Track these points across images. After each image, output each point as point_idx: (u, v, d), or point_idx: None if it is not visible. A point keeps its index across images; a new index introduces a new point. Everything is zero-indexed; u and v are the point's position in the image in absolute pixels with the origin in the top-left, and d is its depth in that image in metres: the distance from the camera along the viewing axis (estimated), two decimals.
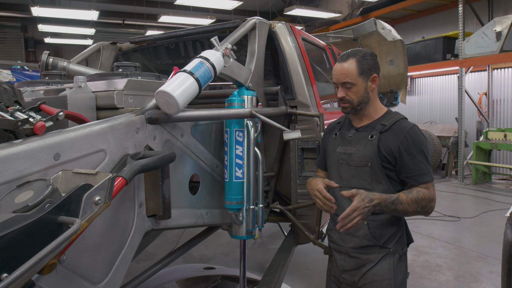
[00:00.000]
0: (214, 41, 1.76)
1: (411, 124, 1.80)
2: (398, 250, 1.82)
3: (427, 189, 1.73)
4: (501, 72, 9.18)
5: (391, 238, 1.81)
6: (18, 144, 1.04)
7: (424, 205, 1.71)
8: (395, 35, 5.05)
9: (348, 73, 1.77)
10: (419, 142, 1.75)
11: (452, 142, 8.86)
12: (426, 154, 1.77)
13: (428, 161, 1.77)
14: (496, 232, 5.30)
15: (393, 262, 1.80)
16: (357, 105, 1.81)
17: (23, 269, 0.74)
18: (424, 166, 1.75)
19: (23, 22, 14.13)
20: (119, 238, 1.39)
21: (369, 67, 1.79)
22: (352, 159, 1.82)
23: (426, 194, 1.71)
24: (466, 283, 3.83)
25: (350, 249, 1.86)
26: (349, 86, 1.78)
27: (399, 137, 1.74)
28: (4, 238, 0.78)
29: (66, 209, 0.90)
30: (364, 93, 1.79)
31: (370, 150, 1.77)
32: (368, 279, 1.81)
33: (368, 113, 1.85)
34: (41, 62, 2.37)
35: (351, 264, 1.86)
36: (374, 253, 1.80)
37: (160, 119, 1.54)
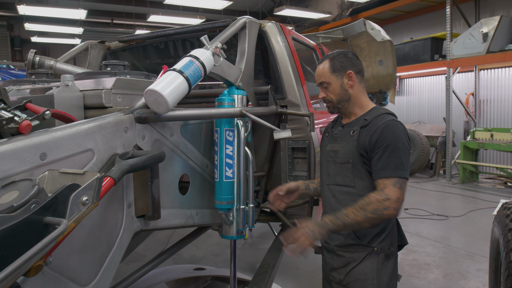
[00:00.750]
0: (204, 40, 1.75)
1: (390, 118, 1.76)
2: (383, 250, 1.79)
3: (379, 190, 1.65)
4: (488, 73, 9.33)
5: (376, 237, 1.79)
6: (3, 144, 1.02)
7: (373, 209, 1.61)
8: (384, 35, 5.08)
9: (322, 73, 1.85)
10: (389, 136, 1.69)
11: (440, 141, 8.97)
12: (395, 149, 1.68)
13: (397, 156, 1.67)
14: (483, 230, 5.38)
15: (377, 261, 1.78)
16: (337, 103, 1.85)
17: (8, 271, 0.72)
18: (387, 160, 1.67)
19: (9, 20, 13.91)
20: (107, 239, 1.37)
21: (342, 65, 1.84)
22: (337, 156, 1.84)
23: (373, 196, 1.63)
24: (454, 281, 3.88)
25: (335, 247, 1.87)
26: (326, 86, 1.85)
27: (372, 131, 1.74)
28: None
29: (53, 209, 0.88)
30: (341, 90, 1.84)
31: (351, 146, 1.78)
32: (352, 278, 1.81)
33: (354, 111, 1.87)
34: (27, 61, 2.33)
35: (338, 263, 1.87)
36: (358, 252, 1.80)
37: (149, 119, 1.52)
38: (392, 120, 1.76)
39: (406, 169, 1.69)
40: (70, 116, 1.34)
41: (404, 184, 1.67)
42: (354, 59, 1.87)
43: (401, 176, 1.66)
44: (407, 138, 1.74)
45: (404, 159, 1.69)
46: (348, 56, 1.86)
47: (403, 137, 1.72)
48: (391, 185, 1.64)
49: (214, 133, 1.94)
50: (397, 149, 1.68)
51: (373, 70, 5.67)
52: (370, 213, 1.62)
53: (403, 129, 1.75)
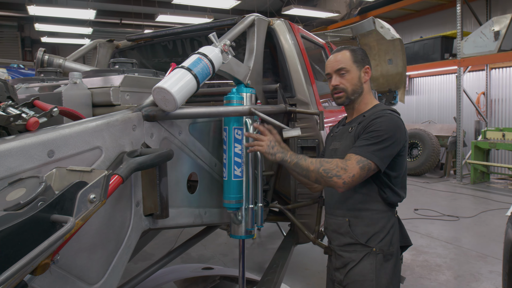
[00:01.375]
0: (212, 37, 1.73)
1: (386, 112, 1.74)
2: (382, 250, 1.75)
3: (343, 160, 1.64)
4: (499, 72, 9.19)
5: (375, 237, 1.76)
6: (10, 141, 1.01)
7: (328, 167, 1.62)
8: (394, 34, 5.03)
9: (342, 60, 1.82)
10: (377, 124, 1.67)
11: (450, 141, 8.86)
12: (377, 136, 1.65)
13: (376, 142, 1.64)
14: (495, 231, 5.29)
15: (375, 262, 1.74)
16: (351, 94, 1.83)
17: (14, 269, 0.70)
18: (364, 142, 1.66)
19: (20, 21, 14.06)
20: (115, 237, 1.35)
21: (362, 58, 1.85)
22: (337, 154, 1.83)
23: (336, 160, 1.65)
24: (466, 282, 3.81)
25: (336, 247, 1.86)
26: (343, 73, 1.81)
27: (366, 123, 1.73)
28: None
29: (60, 207, 0.87)
30: (357, 82, 1.82)
31: (350, 143, 1.77)
32: (351, 279, 1.78)
33: (359, 107, 1.86)
34: (36, 59, 2.34)
35: (339, 263, 1.85)
36: (355, 252, 1.77)
37: (157, 116, 1.50)
38: (389, 113, 1.74)
39: (381, 157, 1.64)
40: (78, 114, 1.33)
41: (367, 167, 1.62)
42: (368, 57, 1.90)
43: (368, 158, 1.62)
44: (399, 132, 1.69)
45: (383, 147, 1.64)
46: (363, 52, 1.88)
47: (393, 129, 1.68)
48: (355, 160, 1.63)
49: (223, 132, 1.92)
50: (379, 137, 1.65)
51: (383, 69, 5.61)
52: (323, 170, 1.63)
53: (397, 123, 1.71)
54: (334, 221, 1.86)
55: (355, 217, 1.78)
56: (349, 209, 1.81)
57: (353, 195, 1.79)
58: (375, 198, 1.77)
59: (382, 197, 1.77)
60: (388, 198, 1.77)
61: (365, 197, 1.78)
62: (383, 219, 1.78)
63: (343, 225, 1.80)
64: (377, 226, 1.76)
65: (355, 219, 1.78)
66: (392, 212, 1.82)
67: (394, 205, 1.82)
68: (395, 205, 1.82)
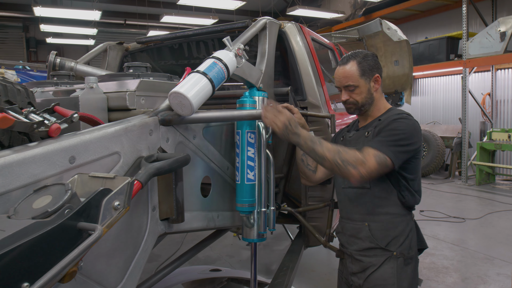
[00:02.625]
0: (227, 41, 1.73)
1: (402, 115, 1.73)
2: (403, 254, 1.76)
3: (361, 152, 1.60)
4: (505, 73, 9.15)
5: (395, 241, 1.76)
6: (34, 147, 1.01)
7: (346, 158, 1.57)
8: (401, 35, 5.01)
9: (350, 76, 1.78)
10: (393, 125, 1.67)
11: (455, 142, 8.83)
12: (394, 134, 1.65)
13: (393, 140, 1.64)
14: (502, 233, 5.27)
15: (396, 266, 1.75)
16: (361, 106, 1.82)
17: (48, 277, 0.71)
18: (381, 138, 1.65)
19: (25, 22, 14.12)
20: (133, 242, 1.36)
21: (370, 68, 1.79)
22: None
23: (354, 152, 1.60)
24: (474, 285, 3.80)
25: (354, 251, 1.85)
26: (352, 89, 1.79)
27: (382, 126, 1.72)
28: (25, 246, 0.75)
29: (86, 214, 0.87)
30: (367, 94, 1.80)
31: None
32: (371, 283, 1.78)
33: (372, 113, 1.86)
34: (48, 63, 2.35)
35: (357, 267, 1.84)
36: (376, 256, 1.77)
37: (173, 121, 1.51)
38: (406, 116, 1.74)
39: (394, 153, 1.62)
40: (97, 119, 1.34)
41: (384, 164, 1.61)
42: (378, 61, 1.86)
43: (384, 153, 1.61)
44: (416, 134, 1.69)
45: (399, 147, 1.64)
46: (375, 58, 1.83)
47: (410, 131, 1.68)
48: (373, 155, 1.60)
49: (235, 135, 1.92)
50: (395, 136, 1.65)
51: (389, 70, 5.59)
52: (340, 159, 1.57)
53: (414, 125, 1.71)
54: (351, 225, 1.85)
55: (375, 221, 1.78)
56: (368, 213, 1.80)
57: (372, 199, 1.78)
58: (394, 202, 1.77)
59: (401, 200, 1.77)
60: (407, 201, 1.77)
61: (384, 201, 1.77)
62: (403, 222, 1.78)
63: (363, 229, 1.79)
64: (397, 230, 1.76)
65: (374, 223, 1.78)
66: (410, 216, 1.83)
67: (412, 208, 1.82)
68: (412, 208, 1.83)
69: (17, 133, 1.11)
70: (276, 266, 4.37)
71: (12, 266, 0.73)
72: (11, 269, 0.73)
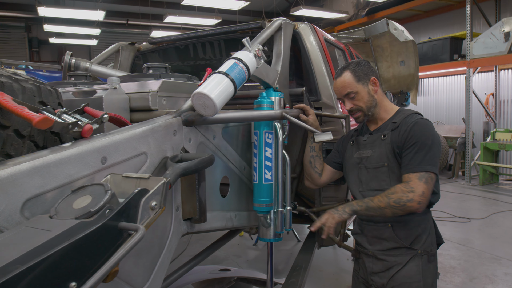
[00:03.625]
0: (246, 42, 1.74)
1: (418, 117, 1.79)
2: (426, 251, 1.79)
3: (405, 182, 1.68)
4: (508, 73, 9.16)
5: (418, 239, 1.79)
6: (69, 148, 1.02)
7: (396, 198, 1.65)
8: (407, 35, 5.03)
9: (347, 84, 1.85)
10: (418, 133, 1.72)
11: (459, 142, 8.84)
12: (423, 145, 1.69)
13: (425, 152, 1.69)
14: (507, 233, 5.28)
15: (421, 263, 1.78)
16: (367, 111, 1.86)
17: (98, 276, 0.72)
18: (415, 156, 1.69)
19: (27, 22, 14.11)
20: (158, 242, 1.37)
21: (365, 73, 1.86)
22: (370, 162, 1.84)
23: (398, 187, 1.68)
24: (482, 285, 3.81)
25: (377, 251, 1.86)
26: (353, 96, 1.85)
27: (403, 131, 1.76)
28: (72, 245, 0.76)
29: (126, 215, 0.88)
30: (369, 97, 1.85)
31: (385, 149, 1.79)
32: (397, 282, 1.79)
33: (380, 116, 1.89)
34: (63, 63, 2.35)
35: (379, 267, 1.85)
36: (401, 255, 1.79)
37: (195, 121, 1.52)
38: (421, 118, 1.79)
39: (434, 164, 1.70)
40: (125, 120, 1.34)
41: (430, 179, 1.68)
42: (370, 66, 1.92)
43: (427, 171, 1.68)
44: (436, 134, 1.76)
45: (432, 154, 1.70)
46: (367, 63, 1.91)
47: (433, 133, 1.75)
48: (416, 178, 1.67)
49: (253, 136, 1.93)
50: (425, 146, 1.70)
51: (395, 71, 5.62)
52: (393, 202, 1.66)
53: (431, 126, 1.78)
54: (373, 227, 1.86)
55: (398, 222, 1.79)
56: None
57: None
58: None
59: None
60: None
61: None
62: (424, 220, 1.81)
63: (386, 230, 1.81)
64: (420, 228, 1.79)
65: (398, 223, 1.80)
66: (430, 213, 1.86)
67: (431, 206, 1.85)
68: (431, 205, 1.85)
69: (50, 134, 1.12)
70: (283, 266, 4.37)
71: (60, 265, 0.74)
72: (60, 268, 0.74)
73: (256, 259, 4.74)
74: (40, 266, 0.70)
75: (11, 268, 0.67)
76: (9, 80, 0.99)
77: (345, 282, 3.98)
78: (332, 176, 2.07)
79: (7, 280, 0.65)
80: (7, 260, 0.69)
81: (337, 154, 2.06)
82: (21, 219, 0.89)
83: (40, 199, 0.94)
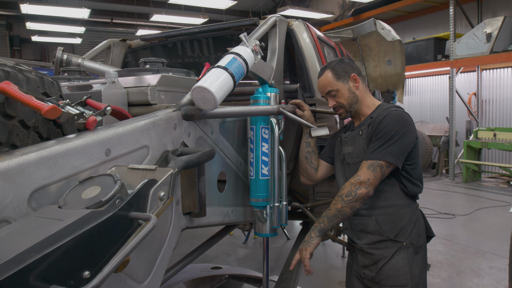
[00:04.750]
0: (244, 37, 1.75)
1: (392, 109, 1.81)
2: (412, 243, 1.81)
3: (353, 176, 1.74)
4: (490, 73, 9.40)
5: (403, 232, 1.81)
6: (74, 139, 1.01)
7: (346, 192, 1.72)
8: (394, 35, 5.11)
9: (327, 83, 1.91)
10: (385, 124, 1.74)
11: (443, 141, 9.03)
12: (384, 135, 1.72)
13: (384, 141, 1.72)
14: (491, 228, 5.42)
15: (407, 255, 1.80)
16: (349, 107, 1.91)
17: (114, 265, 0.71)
18: (374, 146, 1.74)
19: (8, 20, 13.79)
20: (159, 236, 1.36)
21: (344, 70, 1.91)
22: (351, 158, 1.88)
23: (348, 183, 1.74)
24: (468, 278, 3.90)
25: (364, 245, 1.88)
26: (334, 93, 1.90)
27: (375, 124, 1.79)
28: (85, 234, 0.75)
29: (136, 204, 0.88)
30: (349, 94, 1.90)
31: (362, 145, 1.83)
32: (384, 274, 1.82)
33: (363, 112, 1.93)
34: (55, 58, 2.32)
35: (368, 260, 1.88)
36: (387, 248, 1.82)
37: (195, 115, 1.52)
38: (394, 110, 1.81)
39: (391, 154, 1.72)
40: (126, 113, 1.34)
41: (379, 167, 1.72)
42: (352, 63, 1.96)
43: (378, 159, 1.72)
44: (406, 125, 1.77)
45: (391, 143, 1.72)
46: (346, 61, 1.95)
47: (400, 124, 1.76)
48: (365, 167, 1.74)
49: (249, 131, 1.93)
50: (387, 136, 1.73)
51: (381, 70, 5.69)
52: (345, 196, 1.72)
53: (403, 117, 1.79)
54: (359, 221, 1.89)
55: (381, 215, 1.82)
56: (373, 207, 1.85)
57: (376, 194, 1.83)
58: (398, 193, 1.82)
59: (404, 191, 1.82)
60: (409, 191, 1.83)
61: (388, 194, 1.82)
62: (408, 212, 1.83)
63: (370, 224, 1.84)
64: (404, 220, 1.81)
65: (381, 216, 1.82)
66: (415, 205, 1.88)
67: (415, 197, 1.88)
68: (416, 197, 1.88)
69: (53, 125, 1.11)
70: (273, 264, 4.39)
71: (74, 254, 0.73)
72: (74, 257, 0.73)
73: (246, 257, 4.74)
74: (54, 255, 0.70)
75: (26, 257, 0.67)
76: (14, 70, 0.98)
77: (336, 278, 4.02)
78: (328, 171, 2.09)
79: (23, 269, 0.65)
80: (22, 249, 0.68)
81: (331, 149, 2.09)
82: (28, 210, 0.88)
83: (46, 191, 0.93)
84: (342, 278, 3.16)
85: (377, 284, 1.85)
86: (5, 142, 0.92)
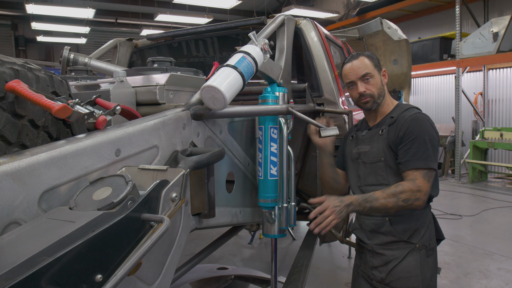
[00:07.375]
0: (252, 36, 1.73)
1: (415, 111, 1.79)
2: (424, 246, 1.79)
3: (411, 180, 1.66)
4: (496, 72, 9.32)
5: (416, 233, 1.79)
6: (84, 139, 0.99)
7: (405, 197, 1.64)
8: (401, 34, 5.07)
9: (364, 66, 1.84)
10: (416, 128, 1.71)
11: (449, 141, 8.96)
12: (423, 141, 1.69)
13: (426, 148, 1.69)
14: (498, 229, 5.37)
15: (419, 257, 1.78)
16: (377, 98, 1.85)
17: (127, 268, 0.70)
18: (416, 151, 1.69)
19: (14, 20, 13.85)
20: (168, 237, 1.34)
21: (379, 62, 1.90)
22: (367, 157, 1.85)
23: (407, 185, 1.65)
24: (477, 280, 3.86)
25: (375, 246, 1.86)
26: (368, 78, 1.83)
27: (400, 126, 1.76)
28: (97, 237, 0.73)
29: (148, 206, 0.86)
30: (381, 85, 1.87)
31: (382, 144, 1.80)
32: (395, 276, 1.80)
33: (382, 110, 1.90)
34: (62, 58, 2.31)
35: (378, 261, 1.85)
36: (399, 249, 1.79)
37: (204, 115, 1.50)
38: (418, 113, 1.80)
39: (434, 160, 1.71)
40: (136, 112, 1.32)
41: (432, 177, 1.71)
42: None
43: (430, 167, 1.69)
44: (435, 130, 1.76)
45: (432, 150, 1.71)
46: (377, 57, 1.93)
47: (431, 128, 1.75)
48: (421, 176, 1.68)
49: (258, 131, 1.91)
50: (425, 141, 1.70)
51: (387, 69, 5.64)
52: (402, 201, 1.65)
53: (430, 121, 1.78)
54: (372, 221, 1.86)
55: (395, 216, 1.79)
56: None
57: None
58: None
59: None
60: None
61: None
62: (422, 215, 1.81)
63: (384, 224, 1.81)
64: (418, 222, 1.79)
65: (395, 217, 1.79)
66: (429, 208, 1.86)
67: (430, 200, 1.85)
68: (431, 200, 1.85)
69: (63, 125, 1.09)
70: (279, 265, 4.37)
71: (86, 257, 0.71)
72: (86, 260, 0.71)
73: (251, 257, 4.72)
74: (66, 258, 0.68)
75: (38, 260, 0.65)
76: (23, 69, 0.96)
77: (342, 279, 3.99)
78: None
79: (35, 272, 0.63)
80: (33, 252, 0.66)
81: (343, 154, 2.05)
82: (38, 211, 0.86)
83: (57, 192, 0.91)
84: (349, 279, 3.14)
85: (387, 285, 1.82)
86: (15, 142, 0.91)
